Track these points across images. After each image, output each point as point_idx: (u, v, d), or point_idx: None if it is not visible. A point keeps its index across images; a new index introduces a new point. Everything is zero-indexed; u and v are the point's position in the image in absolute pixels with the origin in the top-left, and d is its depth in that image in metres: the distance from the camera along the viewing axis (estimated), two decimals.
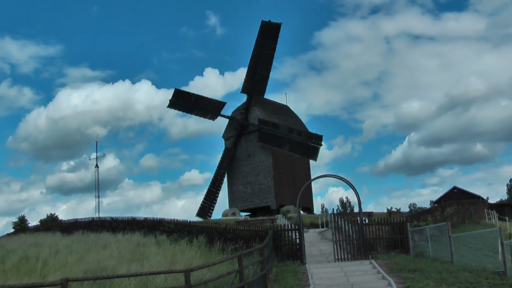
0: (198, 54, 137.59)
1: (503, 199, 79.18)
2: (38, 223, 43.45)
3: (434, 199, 67.61)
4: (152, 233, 27.06)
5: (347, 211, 74.94)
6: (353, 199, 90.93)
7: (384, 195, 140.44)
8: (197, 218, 46.02)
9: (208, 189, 49.89)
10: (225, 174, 50.29)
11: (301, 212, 24.73)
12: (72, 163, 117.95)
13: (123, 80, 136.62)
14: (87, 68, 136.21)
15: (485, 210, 38.87)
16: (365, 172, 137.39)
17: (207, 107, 51.34)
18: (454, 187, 63.20)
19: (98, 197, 56.00)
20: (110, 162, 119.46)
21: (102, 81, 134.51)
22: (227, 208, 48.95)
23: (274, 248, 19.88)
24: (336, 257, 19.88)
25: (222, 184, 50.16)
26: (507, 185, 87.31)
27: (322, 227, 31.92)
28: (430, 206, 60.23)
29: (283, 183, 49.03)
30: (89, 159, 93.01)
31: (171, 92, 52.65)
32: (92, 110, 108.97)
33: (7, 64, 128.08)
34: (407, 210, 59.94)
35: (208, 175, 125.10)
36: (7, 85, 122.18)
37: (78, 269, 16.87)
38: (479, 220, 34.71)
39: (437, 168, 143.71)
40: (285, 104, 56.02)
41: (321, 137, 46.55)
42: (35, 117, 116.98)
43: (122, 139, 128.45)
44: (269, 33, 49.40)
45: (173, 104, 52.67)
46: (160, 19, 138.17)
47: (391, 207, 67.03)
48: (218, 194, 49.73)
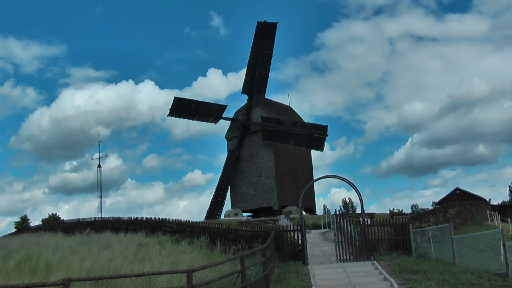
0: (201, 55, 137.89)
1: (505, 201, 79.03)
2: (40, 223, 43.55)
3: (437, 201, 67.50)
4: (155, 234, 27.10)
5: (349, 212, 74.82)
6: (356, 200, 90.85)
7: (387, 196, 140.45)
8: (199, 219, 46.04)
9: (215, 193, 49.88)
10: (230, 176, 50.29)
11: (303, 213, 24.73)
12: (75, 163, 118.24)
13: (126, 81, 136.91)
14: (91, 68, 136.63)
15: (488, 212, 38.77)
16: (368, 173, 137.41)
17: (208, 112, 51.40)
18: (457, 189, 63.05)
19: (101, 197, 56.09)
20: (113, 162, 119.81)
21: (105, 81, 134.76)
22: (229, 209, 48.98)
23: (276, 249, 19.88)
24: (338, 258, 19.87)
25: (229, 186, 50.21)
26: (509, 187, 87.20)
27: (324, 228, 31.92)
28: (432, 208, 60.17)
29: (286, 184, 49.04)
30: (92, 159, 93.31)
31: (174, 93, 53.21)
32: (95, 110, 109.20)
33: (11, 64, 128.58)
34: (409, 211, 59.90)
35: (211, 176, 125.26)
36: (10, 85, 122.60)
37: (80, 269, 16.88)
38: (481, 222, 34.64)
39: (440, 170, 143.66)
40: (288, 105, 56.04)
41: (326, 128, 46.66)
42: (38, 117, 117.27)
43: (125, 139, 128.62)
44: (266, 33, 49.55)
45: (174, 112, 52.66)
46: (164, 20, 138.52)
47: (393, 208, 67.03)
48: (226, 197, 49.82)
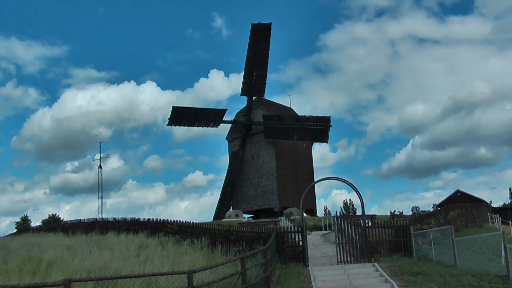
0: (204, 56, 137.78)
1: (506, 203, 78.94)
2: (41, 224, 43.49)
3: (437, 203, 67.47)
4: (155, 234, 27.09)
5: (350, 214, 74.82)
6: (357, 202, 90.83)
7: (388, 198, 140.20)
8: (200, 220, 46.04)
9: (221, 195, 49.84)
10: (236, 178, 50.12)
11: (304, 214, 24.70)
12: (76, 164, 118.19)
13: (128, 81, 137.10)
14: (93, 69, 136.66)
15: (489, 214, 38.71)
16: (369, 175, 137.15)
17: (208, 117, 51.33)
18: (457, 191, 63.00)
19: (101, 198, 56.09)
20: (114, 163, 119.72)
21: (107, 82, 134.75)
22: (230, 210, 48.97)
23: (277, 250, 19.88)
24: (339, 260, 19.87)
25: (234, 188, 49.98)
26: (510, 189, 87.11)
27: (325, 230, 31.90)
28: (433, 210, 60.09)
29: (287, 185, 49.04)
30: (93, 160, 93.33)
31: (176, 94, 53.25)
32: (97, 111, 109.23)
33: (13, 65, 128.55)
34: (410, 214, 59.81)
35: (212, 177, 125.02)
36: (13, 86, 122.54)
37: (81, 270, 16.87)
38: (482, 224, 34.59)
39: (441, 172, 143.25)
40: (289, 106, 56.05)
41: (329, 119, 46.61)
42: (40, 118, 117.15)
43: (127, 140, 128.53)
44: (261, 34, 49.70)
45: (173, 121, 52.20)
46: (166, 21, 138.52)
47: (394, 210, 66.89)
48: (232, 198, 49.65)
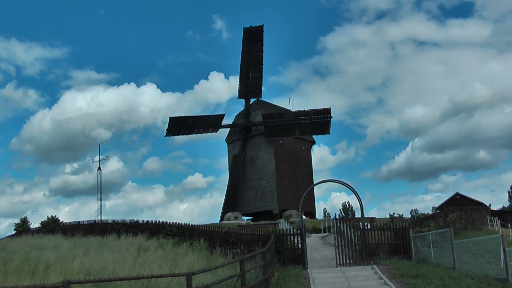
0: (204, 58, 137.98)
1: (505, 206, 78.99)
2: (40, 225, 43.42)
3: (437, 205, 67.48)
4: (155, 236, 27.08)
5: (349, 216, 74.79)
6: (356, 204, 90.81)
7: (387, 201, 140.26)
8: (200, 222, 46.06)
9: (226, 198, 49.84)
10: (239, 180, 49.98)
11: (303, 217, 24.72)
12: (76, 166, 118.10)
13: (128, 83, 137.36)
14: (93, 71, 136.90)
15: (488, 217, 38.71)
16: (368, 178, 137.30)
17: (207, 123, 51.20)
18: (457, 193, 63.00)
19: (101, 200, 55.88)
20: (114, 165, 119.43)
21: (107, 84, 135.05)
22: (229, 212, 48.94)
23: (276, 253, 19.86)
24: (338, 262, 19.86)
25: (238, 190, 49.85)
26: (509, 192, 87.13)
27: (324, 232, 31.90)
28: (433, 212, 60.11)
29: (286, 188, 49.04)
30: (92, 162, 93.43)
31: (176, 96, 53.12)
32: (97, 113, 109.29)
33: (13, 66, 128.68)
34: (409, 216, 59.85)
35: (211, 179, 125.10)
36: (13, 87, 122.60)
37: (80, 271, 16.87)
38: (482, 227, 34.59)
39: (440, 174, 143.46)
40: (288, 109, 56.08)
41: (329, 110, 46.58)
42: (40, 119, 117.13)
43: (126, 142, 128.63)
44: (254, 37, 49.83)
45: (171, 131, 52.03)
46: (166, 23, 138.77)
47: (394, 213, 66.92)
48: (237, 200, 49.44)
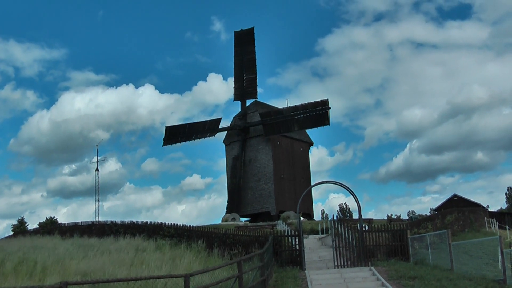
0: (202, 59, 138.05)
1: (503, 208, 79.11)
2: (37, 226, 43.38)
3: (434, 207, 67.53)
4: (152, 238, 27.06)
5: (347, 218, 74.82)
6: (354, 206, 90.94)
7: (385, 202, 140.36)
8: (198, 223, 45.96)
9: (229, 200, 49.87)
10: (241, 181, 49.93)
11: (301, 218, 24.70)
12: (74, 167, 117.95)
13: (127, 84, 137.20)
14: (91, 72, 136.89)
15: (485, 218, 38.73)
16: (366, 179, 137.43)
17: (204, 128, 51.25)
18: (454, 195, 63.12)
19: (98, 201, 55.78)
20: (112, 166, 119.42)
21: (106, 85, 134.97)
22: (227, 214, 48.91)
23: (274, 254, 19.85)
24: (336, 264, 19.85)
25: (241, 190, 49.78)
26: (506, 194, 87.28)
27: (322, 233, 31.89)
28: (430, 214, 60.18)
29: (284, 189, 49.03)
30: (90, 163, 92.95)
31: (174, 97, 53.27)
32: (95, 114, 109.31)
33: (11, 67, 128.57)
34: (406, 218, 59.93)
35: (210, 180, 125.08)
36: (11, 88, 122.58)
37: (77, 273, 16.85)
38: (479, 228, 34.59)
39: (438, 176, 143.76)
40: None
41: (327, 101, 46.54)
42: (38, 120, 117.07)
43: (124, 143, 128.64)
44: (245, 40, 50.00)
45: (168, 140, 52.05)
46: (165, 24, 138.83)
47: (391, 214, 67.03)
48: (240, 201, 49.26)
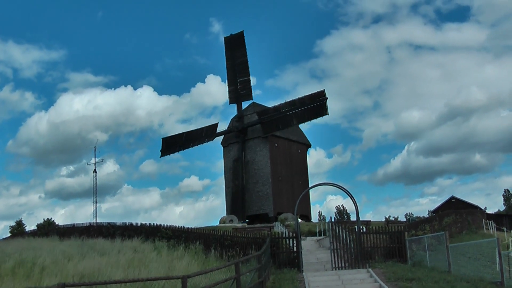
0: (201, 61, 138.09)
1: (501, 210, 79.20)
2: (35, 228, 43.31)
3: (432, 209, 67.57)
4: (150, 239, 27.01)
5: (344, 219, 74.81)
6: (351, 208, 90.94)
7: (383, 204, 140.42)
8: (195, 225, 45.93)
9: (232, 202, 49.70)
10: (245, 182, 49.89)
11: (299, 220, 24.75)
12: (72, 168, 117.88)
13: (125, 86, 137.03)
14: (90, 73, 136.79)
15: (483, 220, 38.81)
16: (364, 181, 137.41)
17: (201, 135, 51.21)
18: (452, 197, 63.15)
19: (96, 203, 55.92)
20: (110, 168, 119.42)
21: (104, 87, 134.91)
22: (225, 215, 48.89)
23: (272, 256, 19.85)
24: (334, 266, 19.84)
25: (245, 191, 49.53)
26: (503, 195, 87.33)
27: (320, 235, 31.88)
28: (428, 216, 60.18)
29: (282, 191, 49.01)
30: (88, 165, 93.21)
31: (173, 99, 53.21)
32: (94, 115, 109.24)
33: (10, 68, 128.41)
34: (404, 220, 59.96)
35: (207, 182, 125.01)
36: (9, 89, 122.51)
37: (75, 274, 16.80)
38: (477, 230, 34.66)
39: (436, 178, 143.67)
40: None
41: (323, 92, 46.69)
42: (36, 122, 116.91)
43: (123, 145, 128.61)
44: (236, 44, 50.03)
45: (166, 151, 52.05)
46: (164, 26, 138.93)
47: (389, 216, 67.03)
48: (244, 203, 49.03)
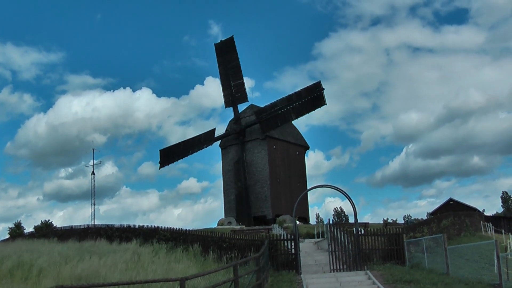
0: (200, 63, 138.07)
1: (499, 212, 79.28)
2: (33, 230, 43.29)
3: (430, 211, 67.61)
4: (148, 241, 26.95)
5: (343, 222, 74.87)
6: (350, 210, 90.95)
7: (381, 206, 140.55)
8: (193, 227, 45.87)
9: (236, 204, 49.54)
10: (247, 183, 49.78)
11: (297, 222, 24.73)
12: (70, 170, 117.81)
13: (124, 88, 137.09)
14: (88, 76, 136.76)
15: (481, 223, 38.82)
16: (363, 183, 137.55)
17: (199, 142, 51.15)
18: (450, 199, 63.20)
19: (94, 205, 55.77)
20: (108, 170, 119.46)
21: (103, 89, 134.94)
22: (223, 217, 48.84)
23: (270, 258, 19.82)
24: (332, 268, 19.83)
25: (248, 193, 49.32)
26: (502, 198, 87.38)
27: (318, 237, 31.87)
28: (426, 218, 60.19)
29: (280, 193, 48.97)
30: (86, 167, 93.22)
31: (171, 101, 53.12)
32: (92, 117, 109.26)
33: (8, 71, 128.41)
34: (402, 222, 60.00)
35: (206, 184, 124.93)
36: (8, 92, 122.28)
37: (72, 277, 16.76)
38: (475, 232, 34.66)
39: (434, 180, 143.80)
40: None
41: (319, 83, 46.92)
42: (35, 124, 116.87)
43: (121, 147, 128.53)
44: (226, 49, 50.08)
45: (164, 162, 51.97)
46: (163, 28, 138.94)
47: (387, 218, 67.08)
48: (249, 204, 48.84)
